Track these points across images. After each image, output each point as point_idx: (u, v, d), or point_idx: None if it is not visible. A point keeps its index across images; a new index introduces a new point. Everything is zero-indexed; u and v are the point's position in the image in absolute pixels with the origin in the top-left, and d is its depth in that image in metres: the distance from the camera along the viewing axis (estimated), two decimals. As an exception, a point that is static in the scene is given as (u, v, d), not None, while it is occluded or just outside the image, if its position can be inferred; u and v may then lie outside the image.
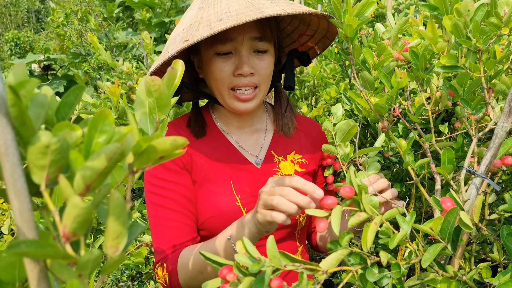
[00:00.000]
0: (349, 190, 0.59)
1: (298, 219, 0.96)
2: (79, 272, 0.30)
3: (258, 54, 0.90)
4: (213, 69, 0.88)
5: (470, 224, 0.57)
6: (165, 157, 0.39)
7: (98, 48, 2.03)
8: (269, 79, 0.93)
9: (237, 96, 0.89)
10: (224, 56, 0.88)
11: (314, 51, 1.08)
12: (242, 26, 0.86)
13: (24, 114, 0.27)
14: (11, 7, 13.89)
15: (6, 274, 0.36)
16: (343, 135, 0.75)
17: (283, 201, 0.65)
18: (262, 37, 0.88)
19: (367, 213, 0.57)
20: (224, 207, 0.89)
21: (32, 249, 0.27)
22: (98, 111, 0.35)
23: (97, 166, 0.31)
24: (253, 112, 1.01)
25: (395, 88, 0.75)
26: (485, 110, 0.76)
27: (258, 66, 0.89)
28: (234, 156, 0.96)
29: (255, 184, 0.94)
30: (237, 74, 0.87)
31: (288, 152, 1.02)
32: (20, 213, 0.28)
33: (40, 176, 0.29)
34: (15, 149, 0.28)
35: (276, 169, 0.98)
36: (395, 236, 0.55)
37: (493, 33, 0.68)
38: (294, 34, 1.06)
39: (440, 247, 0.57)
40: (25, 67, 0.33)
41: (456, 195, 0.62)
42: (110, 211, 0.31)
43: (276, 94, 1.06)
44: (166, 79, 0.60)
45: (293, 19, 1.02)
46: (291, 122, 1.03)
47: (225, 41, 0.86)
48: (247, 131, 1.01)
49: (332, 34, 0.98)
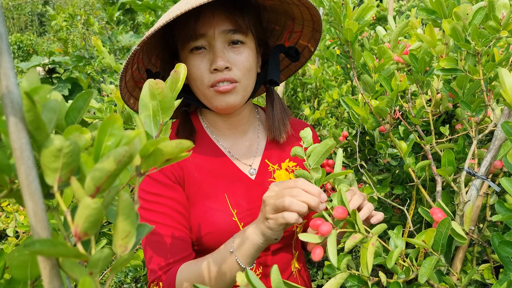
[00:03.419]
0: (342, 211, 0.58)
1: (295, 229, 0.94)
2: (90, 270, 0.31)
3: (234, 47, 0.86)
4: (189, 67, 0.86)
5: (463, 234, 0.57)
6: (171, 159, 0.40)
7: (102, 51, 2.05)
8: (250, 74, 0.89)
9: (217, 89, 0.85)
10: (198, 52, 0.86)
11: (308, 50, 1.05)
12: (212, 19, 0.84)
13: (38, 119, 0.29)
14: (14, 10, 13.96)
15: (18, 272, 0.37)
16: (318, 157, 0.68)
17: (294, 201, 0.65)
18: (235, 30, 0.85)
19: (362, 234, 0.56)
20: (221, 223, 0.87)
21: (46, 248, 0.29)
22: (106, 116, 0.36)
23: (107, 169, 0.32)
24: (241, 114, 0.96)
25: (395, 91, 0.76)
26: (485, 112, 0.77)
27: (235, 60, 0.86)
28: (227, 167, 0.93)
29: (250, 197, 0.91)
30: (213, 70, 0.84)
31: (283, 160, 0.98)
32: (34, 214, 0.30)
33: (53, 178, 0.31)
34: (29, 152, 0.29)
35: (271, 179, 0.94)
36: (391, 254, 0.55)
37: (491, 36, 0.69)
38: (284, 34, 1.03)
39: (435, 260, 0.56)
40: (37, 73, 0.35)
41: (444, 205, 0.62)
42: (119, 212, 0.32)
43: (267, 96, 1.01)
44: (169, 82, 0.61)
45: (277, 16, 0.99)
46: (283, 126, 0.97)
47: (196, 37, 0.85)
48: (238, 137, 0.98)
49: (317, 24, 0.94)
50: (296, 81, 2.14)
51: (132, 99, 0.98)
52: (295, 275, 0.97)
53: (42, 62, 4.33)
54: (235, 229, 0.87)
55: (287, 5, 0.93)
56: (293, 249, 0.98)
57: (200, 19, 0.85)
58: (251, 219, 0.89)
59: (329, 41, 1.96)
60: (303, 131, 0.73)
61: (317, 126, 1.92)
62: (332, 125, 1.69)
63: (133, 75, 0.93)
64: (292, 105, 2.19)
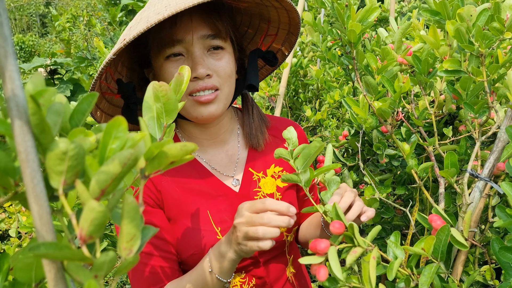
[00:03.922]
0: (339, 226, 0.57)
1: (286, 238, 0.91)
2: (95, 273, 0.31)
3: (214, 53, 0.82)
4: (165, 76, 0.80)
5: (464, 242, 0.57)
6: (176, 162, 0.40)
7: (104, 52, 2.05)
8: (231, 81, 0.84)
9: (197, 99, 0.80)
10: (175, 59, 0.80)
11: (282, 53, 0.99)
12: (190, 25, 0.79)
13: (43, 122, 0.29)
14: (16, 11, 14.00)
15: (23, 274, 0.37)
16: (306, 160, 0.64)
17: (267, 230, 0.65)
18: (214, 35, 0.80)
19: (362, 247, 0.55)
20: (204, 242, 0.83)
21: (51, 251, 0.29)
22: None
23: (112, 171, 0.32)
24: (221, 123, 0.91)
25: (398, 92, 0.76)
26: (489, 114, 0.76)
27: (215, 66, 0.81)
28: (208, 181, 0.88)
29: (234, 212, 0.85)
30: (192, 78, 0.79)
31: (268, 166, 0.92)
32: (39, 216, 0.30)
33: (58, 181, 0.31)
34: (35, 155, 0.29)
35: (257, 189, 0.90)
36: (392, 265, 0.54)
37: (495, 38, 0.69)
38: (257, 37, 0.98)
39: (435, 268, 0.56)
40: (42, 76, 0.35)
41: (446, 208, 0.62)
42: (124, 215, 0.32)
43: (243, 103, 0.96)
44: (173, 84, 0.61)
45: (251, 18, 0.94)
46: (261, 133, 0.92)
47: (173, 43, 0.79)
48: (218, 147, 0.92)
49: (295, 27, 0.89)
50: (297, 82, 2.14)
51: (99, 112, 0.90)
52: (291, 280, 0.95)
53: (44, 63, 4.34)
54: None
55: (264, 8, 0.88)
56: (287, 255, 0.95)
57: (177, 24, 0.79)
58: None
59: (331, 42, 1.96)
60: (286, 132, 0.67)
61: (318, 127, 1.92)
62: (333, 126, 1.69)
63: (101, 86, 0.85)
64: (293, 106, 2.19)
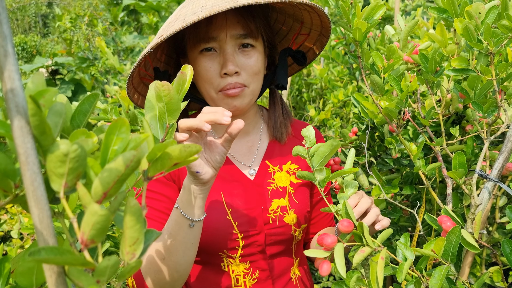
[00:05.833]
0: (348, 224, 0.57)
1: (294, 233, 0.92)
2: (97, 279, 0.30)
3: (244, 51, 0.87)
4: (199, 69, 0.86)
5: (475, 244, 0.56)
6: (179, 163, 0.39)
7: (106, 52, 2.04)
8: (258, 78, 0.89)
9: (225, 93, 0.86)
10: (208, 54, 0.86)
11: (313, 52, 1.05)
12: (225, 23, 0.84)
13: (44, 123, 0.28)
14: (17, 11, 14.05)
15: (24, 279, 0.36)
16: (322, 158, 0.65)
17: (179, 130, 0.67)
18: (246, 34, 0.85)
19: (370, 247, 0.55)
20: (214, 221, 0.86)
21: (52, 256, 0.28)
22: (111, 117, 0.35)
23: (114, 174, 0.31)
24: (245, 116, 0.96)
25: (405, 91, 0.75)
26: (497, 113, 0.75)
27: (244, 64, 0.86)
28: (226, 167, 0.93)
29: (247, 197, 0.90)
30: (223, 74, 0.84)
31: (284, 162, 0.97)
32: (40, 220, 0.29)
33: (59, 184, 0.30)
34: (35, 157, 0.28)
35: (270, 180, 0.94)
36: (401, 267, 0.53)
37: (504, 36, 0.68)
38: (290, 34, 1.03)
39: (446, 270, 0.55)
40: (43, 76, 0.34)
41: (454, 208, 0.61)
42: (127, 218, 0.31)
43: (270, 97, 1.02)
44: (175, 84, 0.60)
45: (286, 17, 1.00)
46: (285, 127, 0.99)
47: (208, 39, 0.84)
48: (240, 138, 0.97)
49: (326, 30, 0.95)
50: (301, 81, 2.13)
51: (137, 94, 0.99)
52: (295, 282, 0.96)
53: (45, 64, 4.34)
54: (229, 228, 0.86)
55: (298, 10, 0.93)
56: (293, 255, 0.96)
57: (213, 22, 0.84)
58: (247, 218, 0.88)
59: (335, 41, 1.94)
60: (305, 130, 0.71)
61: (322, 127, 1.90)
62: (337, 126, 1.68)
63: (139, 71, 0.94)
64: (297, 106, 2.18)
